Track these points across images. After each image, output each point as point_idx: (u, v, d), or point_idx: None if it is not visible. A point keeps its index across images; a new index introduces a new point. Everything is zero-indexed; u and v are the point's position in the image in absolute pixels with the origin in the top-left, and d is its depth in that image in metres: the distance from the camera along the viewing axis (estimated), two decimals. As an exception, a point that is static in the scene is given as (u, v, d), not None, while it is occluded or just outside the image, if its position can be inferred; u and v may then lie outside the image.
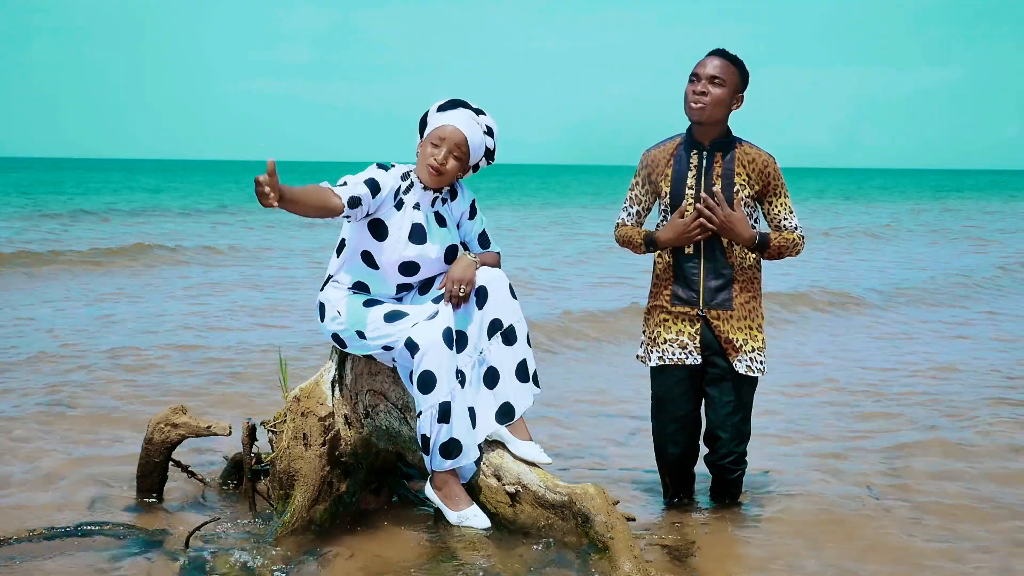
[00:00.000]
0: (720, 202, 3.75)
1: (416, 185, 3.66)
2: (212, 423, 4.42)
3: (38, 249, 14.58)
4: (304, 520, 3.71)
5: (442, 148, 3.58)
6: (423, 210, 3.66)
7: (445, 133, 3.59)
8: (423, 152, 3.62)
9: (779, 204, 3.91)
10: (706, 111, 3.78)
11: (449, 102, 3.65)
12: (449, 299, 3.53)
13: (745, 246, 3.83)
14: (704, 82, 3.78)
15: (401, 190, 3.64)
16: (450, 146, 3.58)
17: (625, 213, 4.02)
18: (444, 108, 3.64)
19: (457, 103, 3.64)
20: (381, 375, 3.86)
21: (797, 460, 5.07)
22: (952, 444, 5.27)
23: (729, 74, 3.79)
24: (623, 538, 3.33)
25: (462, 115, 3.62)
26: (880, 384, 6.83)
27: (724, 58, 3.81)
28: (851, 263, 15.57)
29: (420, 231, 3.63)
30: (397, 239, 3.61)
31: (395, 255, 3.61)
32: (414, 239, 3.62)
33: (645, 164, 3.96)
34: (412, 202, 3.64)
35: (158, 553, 3.72)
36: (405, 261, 3.62)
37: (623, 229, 3.99)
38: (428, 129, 3.64)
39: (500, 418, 3.65)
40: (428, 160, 3.58)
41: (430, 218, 3.68)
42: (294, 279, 12.19)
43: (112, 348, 7.48)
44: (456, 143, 3.59)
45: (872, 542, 3.89)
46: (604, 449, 5.32)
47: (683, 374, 3.94)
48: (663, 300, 3.93)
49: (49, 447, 5.06)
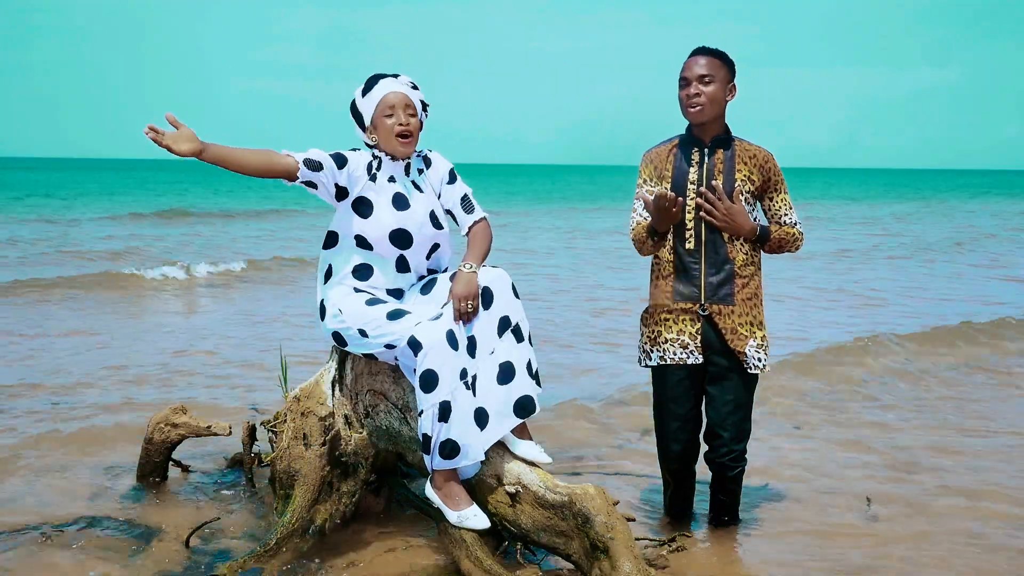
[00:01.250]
0: (720, 195, 3.76)
1: (385, 160, 3.73)
2: (212, 423, 4.43)
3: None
4: (304, 520, 3.71)
5: (397, 113, 3.66)
6: (399, 181, 3.73)
7: (392, 101, 3.67)
8: (382, 128, 3.68)
9: (779, 200, 3.94)
10: (705, 111, 3.79)
11: (368, 81, 3.72)
12: (458, 318, 3.55)
13: (746, 238, 3.83)
14: (695, 83, 3.79)
15: (372, 167, 3.71)
16: (402, 107, 3.67)
17: (637, 215, 4.01)
18: (368, 89, 3.70)
19: (377, 77, 3.72)
20: (381, 375, 3.86)
21: (798, 463, 5.07)
22: (951, 451, 5.28)
23: (716, 68, 3.81)
24: (623, 538, 3.33)
25: (389, 82, 3.71)
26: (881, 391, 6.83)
27: (707, 55, 3.83)
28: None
29: (402, 198, 3.70)
30: (381, 209, 3.66)
31: (383, 226, 3.65)
32: (397, 206, 3.68)
33: (649, 161, 3.97)
34: (386, 176, 3.72)
35: (158, 553, 3.73)
36: (394, 230, 3.65)
37: (637, 228, 3.97)
38: (369, 112, 3.69)
39: (520, 412, 3.65)
40: (394, 130, 3.66)
41: (409, 187, 3.74)
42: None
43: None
44: (404, 103, 3.68)
45: (870, 553, 3.89)
46: (604, 449, 5.32)
47: (684, 373, 3.94)
48: (664, 298, 3.92)
49: (50, 445, 5.06)
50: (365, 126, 3.73)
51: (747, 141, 3.93)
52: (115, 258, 14.69)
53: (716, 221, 3.79)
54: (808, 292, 11.60)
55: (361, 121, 3.74)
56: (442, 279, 3.76)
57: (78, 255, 14.82)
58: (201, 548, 3.76)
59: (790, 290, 11.35)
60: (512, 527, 3.59)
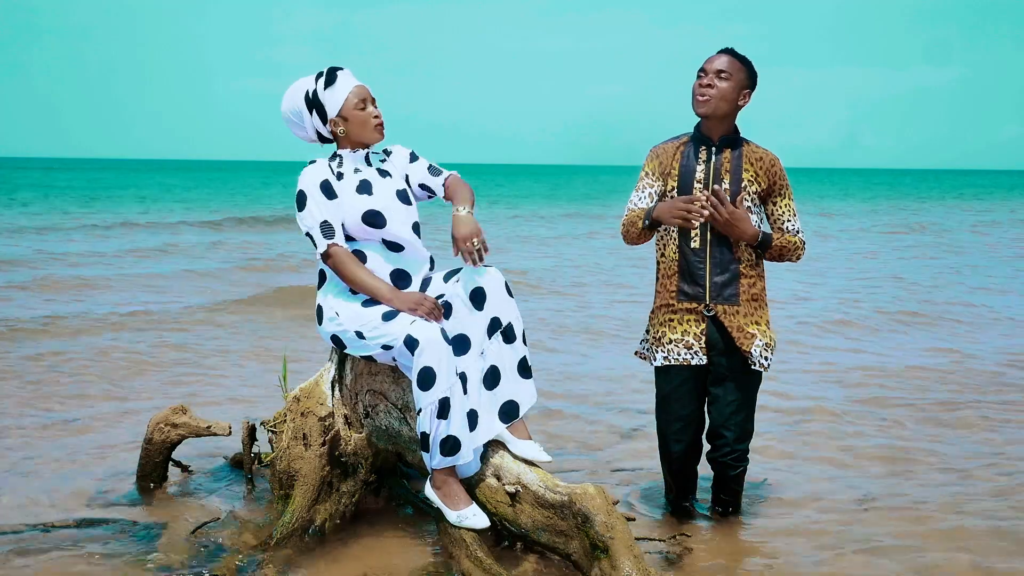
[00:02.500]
0: (724, 200, 3.75)
1: (345, 155, 3.78)
2: (212, 423, 4.43)
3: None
4: (304, 520, 3.72)
5: (368, 105, 3.73)
6: (363, 171, 3.77)
7: (362, 93, 3.73)
8: (355, 118, 3.71)
9: (783, 205, 3.93)
10: (711, 103, 3.79)
11: (328, 73, 3.73)
12: (469, 260, 3.55)
13: (748, 243, 3.84)
14: (711, 76, 3.80)
15: (334, 168, 3.75)
16: (370, 100, 3.75)
17: (632, 203, 3.98)
18: (330, 81, 3.72)
19: (334, 70, 3.75)
20: (381, 375, 3.86)
21: (798, 467, 5.07)
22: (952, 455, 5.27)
23: (735, 70, 3.81)
24: (623, 538, 3.33)
25: (349, 74, 3.75)
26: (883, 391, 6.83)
27: (732, 56, 3.84)
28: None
29: (366, 184, 3.74)
30: (346, 197, 3.69)
31: (354, 212, 3.68)
32: (361, 190, 3.71)
33: (655, 155, 3.97)
34: (350, 168, 3.76)
35: (158, 553, 3.73)
36: (364, 212, 3.68)
37: (630, 213, 3.96)
38: (336, 104, 3.71)
39: (503, 417, 3.66)
40: (371, 121, 3.72)
41: (372, 174, 3.78)
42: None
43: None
44: (371, 96, 3.76)
45: (872, 552, 3.89)
46: (604, 449, 5.32)
47: (688, 374, 3.94)
48: (668, 298, 3.93)
49: (50, 445, 5.06)
50: (327, 117, 3.74)
51: (755, 143, 3.93)
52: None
53: (718, 225, 3.79)
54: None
55: (322, 112, 3.74)
56: (436, 278, 3.77)
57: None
58: (201, 548, 3.76)
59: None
60: (512, 527, 3.59)
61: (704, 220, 3.74)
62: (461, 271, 3.68)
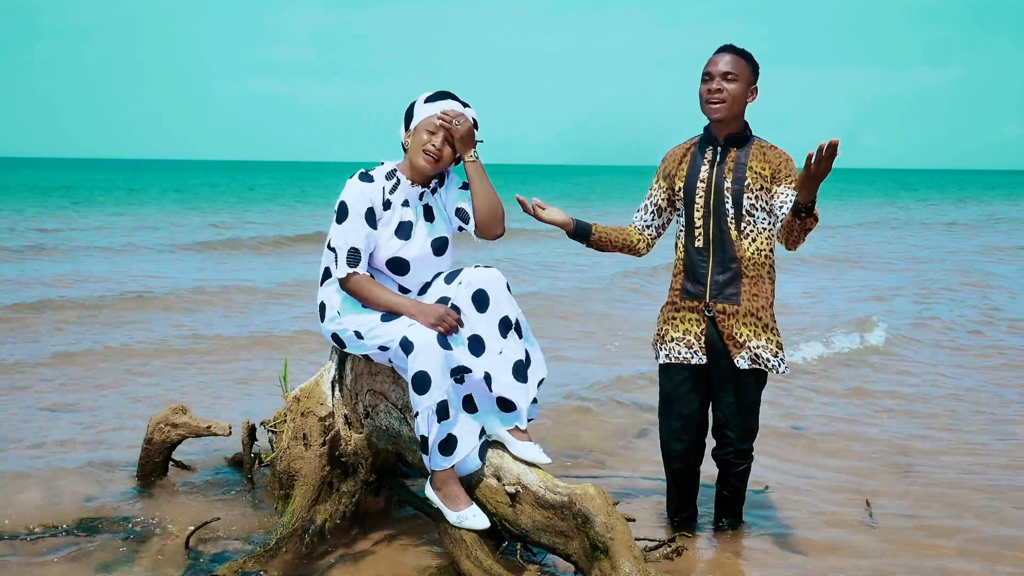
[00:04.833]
0: (827, 155, 3.35)
1: (403, 183, 3.69)
2: (212, 423, 4.43)
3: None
4: (304, 520, 3.71)
5: (438, 135, 3.62)
6: (412, 206, 3.70)
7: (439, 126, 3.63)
8: (416, 140, 3.65)
9: (792, 191, 3.75)
10: (725, 107, 3.78)
11: (438, 93, 3.69)
12: (441, 122, 3.58)
13: (808, 201, 3.48)
14: (718, 79, 3.78)
15: (386, 190, 3.67)
16: (445, 134, 3.62)
17: (632, 219, 4.08)
18: (433, 99, 3.68)
19: (446, 94, 3.69)
20: (381, 375, 3.86)
21: (799, 471, 5.07)
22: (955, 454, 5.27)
23: (741, 68, 3.79)
24: (623, 539, 3.33)
25: (454, 105, 3.67)
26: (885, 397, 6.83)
27: (733, 53, 3.81)
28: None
29: (406, 227, 3.67)
30: (383, 236, 3.63)
31: (383, 253, 3.64)
32: (400, 234, 3.65)
33: (663, 160, 4.04)
34: (400, 200, 3.68)
35: (158, 553, 3.73)
36: (392, 258, 3.63)
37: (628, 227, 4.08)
38: (417, 119, 3.67)
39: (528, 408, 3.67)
40: (425, 147, 3.62)
41: (419, 212, 3.71)
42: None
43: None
44: (458, 135, 3.62)
45: (872, 561, 3.89)
46: (605, 449, 5.32)
47: (689, 373, 3.94)
48: (673, 296, 3.95)
49: (50, 444, 5.06)
50: (409, 127, 3.71)
51: (766, 141, 3.87)
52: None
53: (819, 173, 3.37)
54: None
55: (409, 121, 3.72)
56: (437, 281, 3.75)
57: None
58: (201, 548, 3.76)
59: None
60: (512, 527, 3.59)
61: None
62: (462, 272, 3.68)
